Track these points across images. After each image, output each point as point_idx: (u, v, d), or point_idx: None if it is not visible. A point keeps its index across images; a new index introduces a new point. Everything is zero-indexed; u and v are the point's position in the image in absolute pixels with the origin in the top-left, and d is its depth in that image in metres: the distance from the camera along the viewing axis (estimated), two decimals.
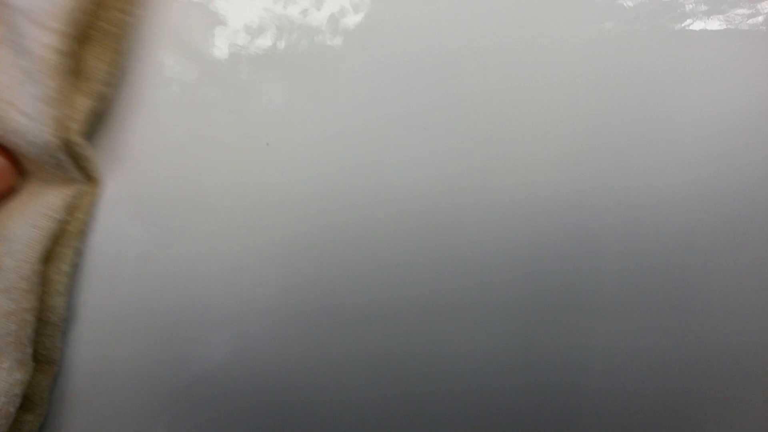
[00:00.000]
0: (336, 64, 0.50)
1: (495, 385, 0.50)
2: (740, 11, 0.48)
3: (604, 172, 0.49)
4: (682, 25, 0.49)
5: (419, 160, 0.50)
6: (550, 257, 0.50)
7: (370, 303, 0.50)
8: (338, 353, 0.50)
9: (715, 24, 0.48)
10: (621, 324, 0.49)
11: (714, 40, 0.48)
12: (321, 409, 0.51)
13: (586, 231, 0.49)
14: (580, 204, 0.49)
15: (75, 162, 0.46)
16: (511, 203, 0.50)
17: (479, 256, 0.50)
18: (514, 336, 0.50)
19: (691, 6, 0.49)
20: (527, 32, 0.49)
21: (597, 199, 0.49)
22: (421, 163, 0.50)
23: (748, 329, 0.49)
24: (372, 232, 0.50)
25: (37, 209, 0.46)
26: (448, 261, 0.50)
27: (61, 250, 0.47)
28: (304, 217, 0.50)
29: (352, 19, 0.50)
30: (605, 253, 0.49)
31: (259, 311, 0.50)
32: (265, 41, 0.50)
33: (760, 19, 0.48)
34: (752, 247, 0.49)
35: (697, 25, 0.49)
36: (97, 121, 0.49)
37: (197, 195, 0.50)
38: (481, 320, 0.50)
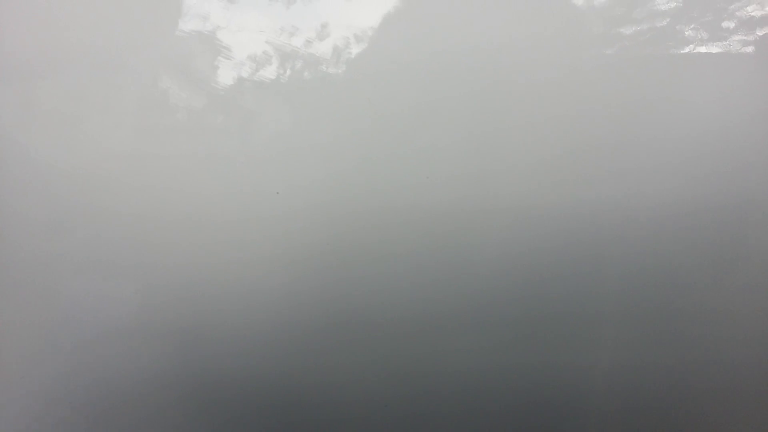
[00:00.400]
0: (340, 92, 0.51)
1: (499, 400, 0.50)
2: (739, 37, 0.49)
3: (605, 194, 0.49)
4: (682, 51, 0.49)
5: (423, 185, 0.50)
6: (554, 276, 0.50)
7: (377, 320, 0.50)
8: (343, 369, 0.50)
9: (714, 49, 0.49)
10: (623, 340, 0.49)
11: (713, 65, 0.49)
12: (324, 422, 0.51)
13: (588, 251, 0.50)
14: (582, 225, 0.49)
15: None
16: (514, 224, 0.50)
17: (482, 277, 0.50)
18: (518, 353, 0.50)
19: (690, 33, 0.49)
20: (529, 60, 0.50)
21: (598, 221, 0.49)
22: (425, 188, 0.50)
23: (748, 346, 0.49)
24: (379, 252, 0.50)
25: None
26: (452, 281, 0.50)
27: None
28: (310, 237, 0.50)
29: (356, 50, 0.51)
30: (607, 273, 0.50)
31: (268, 327, 0.51)
32: (269, 71, 0.51)
33: (759, 45, 0.49)
34: (752, 264, 0.49)
35: (697, 51, 0.49)
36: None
37: (205, 215, 0.50)
38: (486, 338, 0.50)
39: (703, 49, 0.49)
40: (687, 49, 0.49)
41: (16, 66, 0.50)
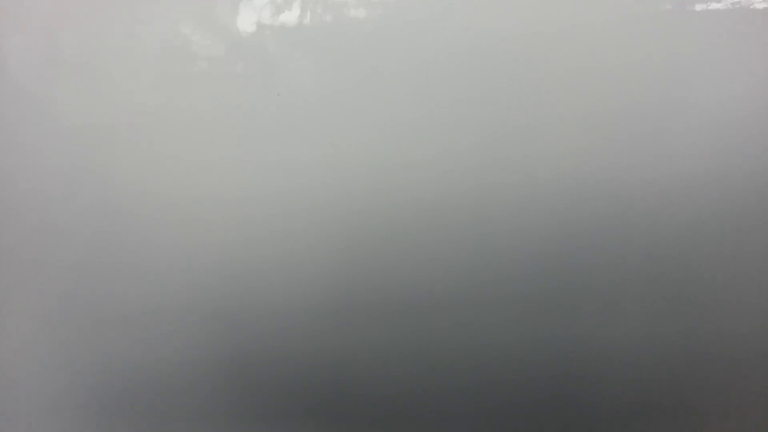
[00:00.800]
0: (362, 37, 0.50)
1: (520, 373, 0.51)
2: None
3: (622, 166, 0.48)
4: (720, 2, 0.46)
5: (444, 151, 0.50)
6: (570, 251, 0.50)
7: (400, 299, 0.51)
8: (388, 345, 0.52)
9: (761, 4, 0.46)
10: (636, 314, 0.50)
11: (753, 18, 0.46)
12: (367, 397, 0.53)
13: (604, 225, 0.49)
14: (597, 199, 0.49)
15: None
16: (530, 199, 0.49)
17: (501, 252, 0.50)
18: (535, 328, 0.51)
19: None
20: (553, 19, 0.48)
21: (613, 193, 0.49)
22: (446, 158, 0.50)
23: (756, 316, 0.49)
24: (397, 230, 0.51)
25: None
26: (471, 256, 0.50)
27: None
28: (343, 206, 0.51)
29: None
30: (621, 247, 0.49)
31: (298, 308, 0.52)
32: (290, 16, 0.50)
33: None
34: (755, 241, 0.48)
35: (735, 3, 0.46)
36: None
37: (227, 183, 0.51)
38: (504, 313, 0.51)
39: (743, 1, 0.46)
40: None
41: (36, 17, 0.50)
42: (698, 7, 0.46)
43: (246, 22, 0.50)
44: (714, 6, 0.46)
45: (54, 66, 0.51)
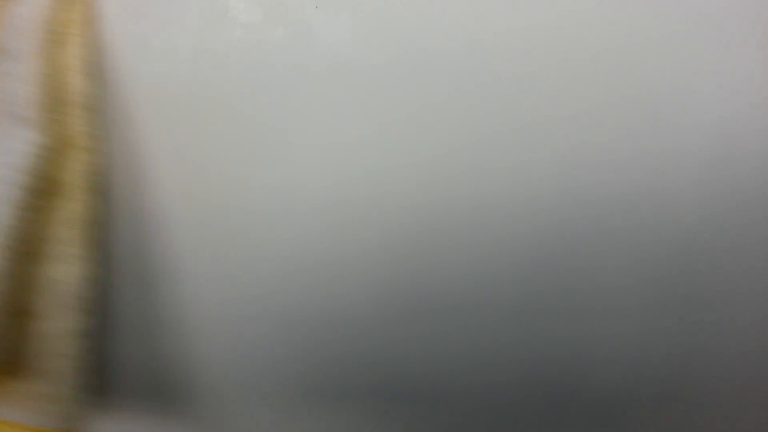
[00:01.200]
0: (405, 2, 0.48)
1: (516, 376, 0.50)
2: None
3: (607, 170, 0.47)
4: None
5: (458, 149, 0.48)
6: (564, 256, 0.48)
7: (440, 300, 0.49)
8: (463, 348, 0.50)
9: None
10: (624, 316, 0.49)
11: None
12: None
13: (592, 230, 0.48)
14: (585, 203, 0.48)
15: None
16: (522, 203, 0.48)
17: (493, 257, 0.49)
18: (529, 332, 0.49)
19: None
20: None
21: (601, 197, 0.47)
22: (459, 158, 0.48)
23: (748, 320, 0.48)
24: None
25: None
26: (462, 262, 0.49)
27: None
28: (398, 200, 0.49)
29: None
30: (610, 251, 0.48)
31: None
32: None
33: None
34: (753, 239, 0.47)
35: None
36: None
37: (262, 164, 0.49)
38: (500, 317, 0.49)
39: None
40: None
41: None
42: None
43: None
44: None
45: None
